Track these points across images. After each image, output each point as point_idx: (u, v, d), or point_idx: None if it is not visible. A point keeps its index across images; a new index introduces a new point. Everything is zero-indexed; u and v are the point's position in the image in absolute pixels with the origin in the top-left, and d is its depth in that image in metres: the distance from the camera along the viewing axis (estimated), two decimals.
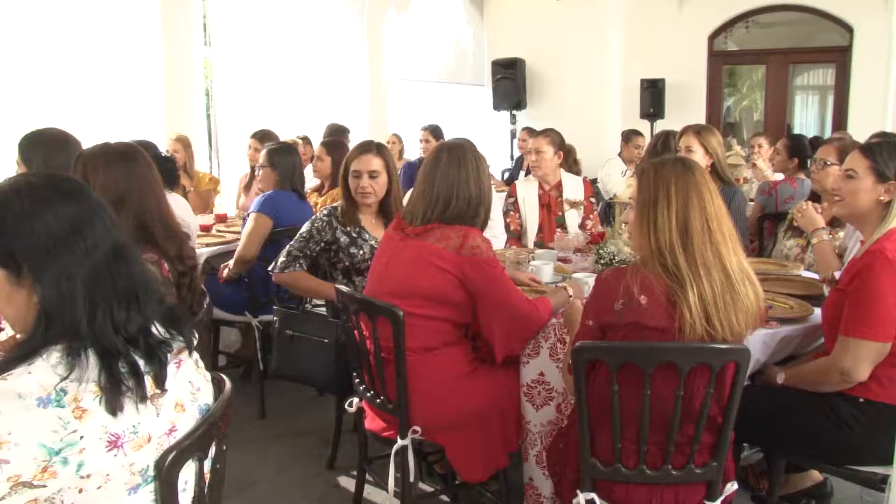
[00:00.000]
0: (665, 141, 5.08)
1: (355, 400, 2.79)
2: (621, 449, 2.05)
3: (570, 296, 2.73)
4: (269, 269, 3.40)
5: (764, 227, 4.76)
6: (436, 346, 2.55)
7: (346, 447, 3.46)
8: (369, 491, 3.06)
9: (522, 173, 7.68)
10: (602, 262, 3.24)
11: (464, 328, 2.66)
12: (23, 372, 1.27)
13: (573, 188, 4.43)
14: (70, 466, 1.26)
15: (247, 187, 5.69)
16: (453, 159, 2.61)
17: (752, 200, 5.15)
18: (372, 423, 2.72)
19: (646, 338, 2.01)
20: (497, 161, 9.50)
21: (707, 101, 9.94)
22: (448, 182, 2.57)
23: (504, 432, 2.64)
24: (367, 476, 2.96)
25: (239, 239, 4.12)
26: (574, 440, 2.16)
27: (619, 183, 6.47)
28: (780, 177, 5.36)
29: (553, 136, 4.33)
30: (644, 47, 9.72)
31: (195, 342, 1.55)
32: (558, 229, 4.15)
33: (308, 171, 5.25)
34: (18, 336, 2.29)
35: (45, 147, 2.81)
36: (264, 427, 3.93)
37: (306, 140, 6.57)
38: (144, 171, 2.48)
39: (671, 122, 7.85)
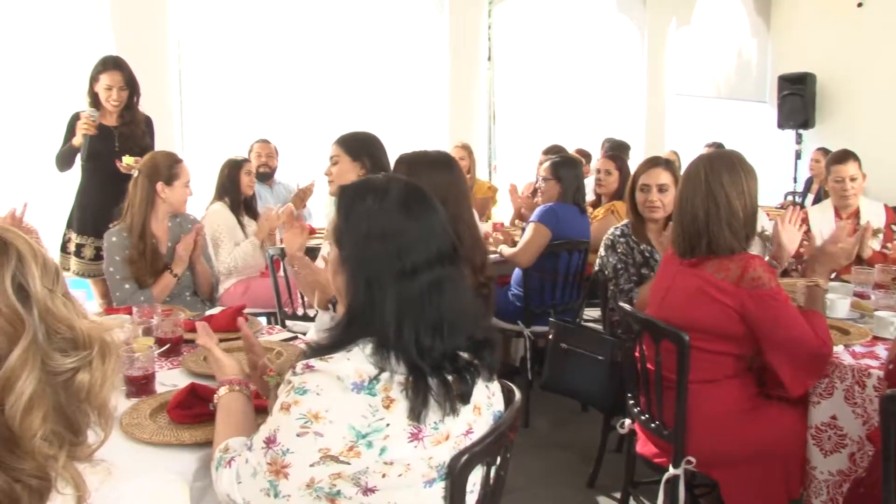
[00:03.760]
0: None
1: (627, 421, 2.74)
2: None
3: None
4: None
5: None
6: (717, 378, 2.44)
7: (607, 467, 3.40)
8: None
9: (811, 197, 7.14)
10: None
11: (746, 360, 2.51)
12: (342, 357, 1.38)
13: (873, 215, 4.04)
14: (373, 450, 1.34)
15: (532, 195, 5.84)
16: (717, 174, 2.40)
17: None
18: (643, 447, 2.65)
19: None
20: (780, 183, 8.91)
21: None
22: (705, 207, 2.39)
23: (787, 476, 2.46)
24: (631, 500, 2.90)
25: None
26: (877, 497, 1.96)
27: None
28: None
29: (859, 159, 3.99)
30: None
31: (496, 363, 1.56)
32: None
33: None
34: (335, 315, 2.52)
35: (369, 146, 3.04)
36: (526, 435, 3.96)
37: (583, 154, 6.62)
38: (459, 179, 2.52)
39: None
